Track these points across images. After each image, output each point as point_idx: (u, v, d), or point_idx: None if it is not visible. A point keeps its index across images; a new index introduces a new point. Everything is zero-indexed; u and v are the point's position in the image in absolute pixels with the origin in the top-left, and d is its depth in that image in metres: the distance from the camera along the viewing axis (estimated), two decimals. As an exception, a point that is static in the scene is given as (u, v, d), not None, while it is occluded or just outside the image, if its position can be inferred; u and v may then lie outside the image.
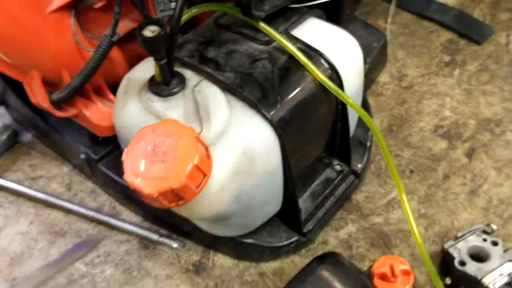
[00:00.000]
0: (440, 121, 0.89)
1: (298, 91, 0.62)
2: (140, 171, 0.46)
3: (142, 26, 0.50)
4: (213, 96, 0.57)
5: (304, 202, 0.72)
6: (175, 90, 0.57)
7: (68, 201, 0.82)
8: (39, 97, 0.72)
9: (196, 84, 0.58)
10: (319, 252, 0.73)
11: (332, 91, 0.63)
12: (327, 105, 0.66)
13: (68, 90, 0.70)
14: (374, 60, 0.93)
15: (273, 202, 0.66)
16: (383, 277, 0.59)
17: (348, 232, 0.75)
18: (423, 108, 0.91)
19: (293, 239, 0.71)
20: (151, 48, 0.52)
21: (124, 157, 0.48)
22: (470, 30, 1.03)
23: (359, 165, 0.78)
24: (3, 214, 0.82)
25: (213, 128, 0.54)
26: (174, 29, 0.53)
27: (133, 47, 0.75)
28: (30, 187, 0.84)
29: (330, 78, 0.63)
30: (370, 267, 0.61)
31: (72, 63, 0.70)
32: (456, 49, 1.01)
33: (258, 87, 0.59)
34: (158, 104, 0.56)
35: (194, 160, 0.45)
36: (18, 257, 0.76)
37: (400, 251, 0.72)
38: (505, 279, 0.62)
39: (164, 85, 0.57)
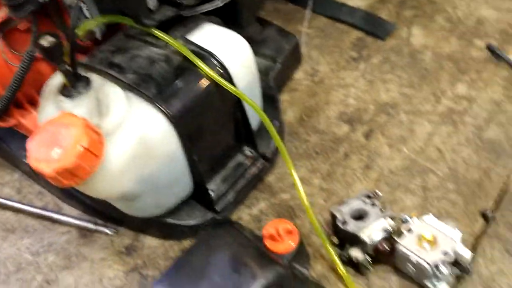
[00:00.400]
0: (345, 109, 1.01)
1: (191, 86, 0.74)
2: (41, 156, 0.58)
3: (40, 37, 0.63)
4: (113, 94, 0.69)
5: (216, 185, 0.84)
6: (80, 91, 0.69)
7: (18, 202, 0.93)
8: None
9: (100, 86, 0.70)
10: (233, 227, 0.85)
11: (223, 86, 0.75)
12: (221, 99, 0.78)
13: (2, 102, 0.82)
14: (286, 60, 1.06)
15: (181, 184, 0.78)
16: (272, 237, 0.72)
17: (259, 208, 0.87)
18: (331, 98, 1.04)
19: (209, 217, 0.83)
20: (49, 56, 0.64)
21: (28, 145, 0.60)
22: (375, 28, 1.16)
23: (269, 151, 0.90)
24: (-43, 218, 0.93)
25: (111, 120, 0.66)
26: (70, 39, 0.66)
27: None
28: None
29: (221, 75, 0.76)
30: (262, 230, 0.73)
31: (3, 79, 0.82)
32: (363, 46, 1.14)
33: (155, 85, 0.72)
34: (66, 103, 0.68)
35: (84, 144, 0.58)
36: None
37: (302, 220, 0.84)
38: (381, 234, 0.74)
39: (71, 87, 0.69)
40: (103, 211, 0.88)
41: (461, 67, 1.06)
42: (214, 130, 0.80)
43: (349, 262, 0.76)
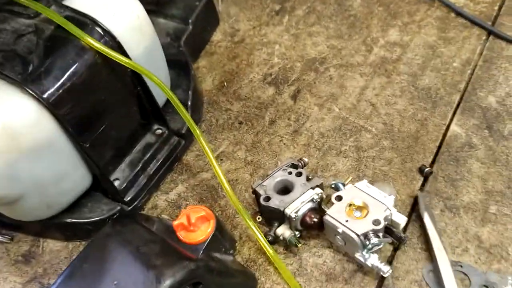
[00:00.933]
0: (269, 69, 0.92)
1: (69, 62, 0.63)
2: None
3: None
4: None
5: (122, 172, 0.74)
6: None
7: None
8: None
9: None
10: (147, 217, 0.75)
11: (112, 58, 0.64)
12: (113, 73, 0.67)
13: None
14: (199, 20, 0.95)
15: (73, 177, 0.67)
16: (184, 227, 0.62)
17: (177, 192, 0.78)
18: (254, 59, 0.94)
19: (115, 210, 0.73)
20: None
21: None
22: (298, -24, 1.06)
23: (182, 126, 0.80)
24: None
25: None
26: None
27: None
28: None
29: (107, 44, 0.64)
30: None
31: None
32: (288, -3, 1.04)
33: (21, 63, 0.60)
34: None
35: None
36: None
37: (226, 201, 0.75)
38: (308, 205, 0.66)
39: None
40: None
41: (392, 10, 0.98)
42: (111, 111, 0.69)
43: (279, 241, 0.68)
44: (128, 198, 0.73)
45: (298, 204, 0.66)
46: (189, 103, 0.83)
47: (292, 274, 0.65)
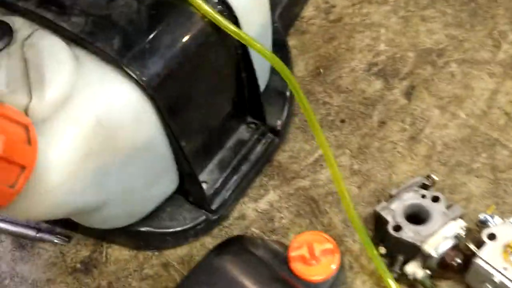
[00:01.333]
0: (375, 58, 0.78)
1: (177, 34, 0.49)
2: None
3: None
4: (51, 51, 0.44)
5: (210, 173, 0.61)
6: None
7: None
8: None
9: (28, 36, 0.45)
10: (235, 230, 0.63)
11: (227, 31, 0.50)
12: (221, 51, 0.54)
13: None
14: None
15: (163, 180, 0.55)
16: (303, 260, 0.50)
17: (269, 201, 0.65)
18: (355, 43, 0.80)
19: (200, 220, 0.61)
20: None
21: None
22: None
23: (279, 121, 0.67)
24: None
25: (47, 96, 0.41)
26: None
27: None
28: None
29: (222, 14, 0.51)
30: (288, 249, 0.51)
31: None
32: (392, -30, 0.89)
33: (118, 34, 0.47)
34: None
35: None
36: None
37: (330, 219, 0.63)
38: (450, 243, 0.54)
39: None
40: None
41: (523, -1, 0.83)
42: (208, 98, 0.57)
43: (401, 278, 0.56)
44: (216, 206, 0.61)
45: (439, 240, 0.53)
46: (288, 93, 0.69)
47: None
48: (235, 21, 0.53)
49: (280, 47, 0.72)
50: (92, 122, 0.43)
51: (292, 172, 0.68)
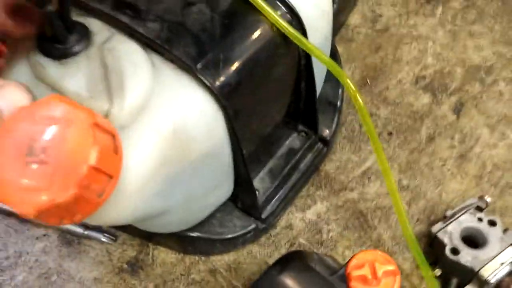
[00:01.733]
0: (422, 71, 0.77)
1: (249, 44, 0.48)
2: (8, 178, 0.32)
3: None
4: (130, 57, 0.43)
5: (261, 182, 0.61)
6: (74, 49, 0.42)
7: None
8: None
9: (106, 40, 0.44)
10: (282, 239, 0.62)
11: (294, 40, 0.49)
12: (286, 60, 0.53)
13: None
14: (343, -2, 0.80)
15: (221, 188, 0.54)
16: (364, 280, 0.49)
17: (316, 212, 0.65)
18: (402, 55, 0.79)
19: (249, 228, 0.60)
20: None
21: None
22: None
23: (327, 130, 0.66)
24: None
25: (127, 103, 0.40)
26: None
27: None
28: None
29: (290, 24, 0.50)
30: (345, 266, 0.50)
31: None
32: (439, -18, 0.88)
33: (193, 42, 0.46)
34: (51, 69, 0.42)
35: (89, 160, 0.32)
36: None
37: (379, 234, 0.62)
38: (507, 268, 0.53)
39: (57, 42, 0.42)
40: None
41: None
42: (268, 106, 0.56)
43: (453, 302, 0.55)
44: (266, 214, 0.60)
45: (497, 265, 0.53)
46: (339, 103, 0.69)
47: None
48: (302, 31, 0.52)
49: (332, 55, 0.71)
50: (169, 129, 0.42)
51: (340, 183, 0.67)
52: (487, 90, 0.75)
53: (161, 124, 0.42)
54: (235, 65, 0.47)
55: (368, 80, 0.77)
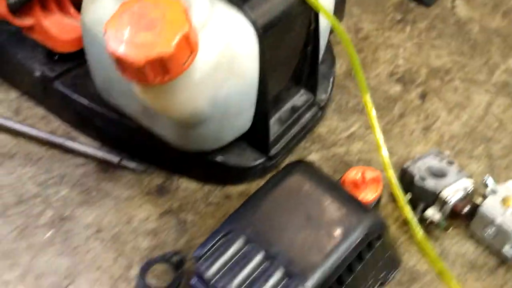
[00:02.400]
0: (395, 69, 0.95)
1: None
2: (125, 38, 0.45)
3: None
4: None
5: (272, 126, 0.74)
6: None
7: (16, 122, 0.78)
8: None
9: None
10: (285, 176, 0.76)
11: (311, 4, 0.65)
12: (302, 22, 0.69)
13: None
14: (334, 12, 0.98)
15: (245, 114, 0.68)
16: (355, 184, 0.63)
17: (311, 160, 0.79)
18: (379, 57, 0.97)
19: (259, 161, 0.73)
20: None
21: (106, 25, 0.48)
22: (419, -7, 1.11)
23: (323, 97, 0.82)
24: None
25: (194, 18, 0.55)
26: None
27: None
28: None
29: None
30: (341, 177, 0.65)
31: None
32: (407, 10, 1.09)
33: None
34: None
35: (184, 29, 0.46)
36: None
37: (362, 177, 0.77)
38: (461, 194, 0.68)
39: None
40: (129, 143, 0.75)
41: (510, 43, 1.03)
42: (284, 60, 0.71)
43: (421, 223, 0.69)
44: (273, 153, 0.74)
45: (453, 190, 0.68)
46: (331, 79, 0.85)
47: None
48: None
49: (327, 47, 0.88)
50: (221, 44, 0.57)
51: (330, 141, 0.82)
52: (446, 85, 0.93)
53: (216, 39, 0.56)
54: (270, 10, 0.62)
55: (351, 73, 0.94)
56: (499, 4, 1.12)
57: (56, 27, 0.73)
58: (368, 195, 0.63)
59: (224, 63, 0.57)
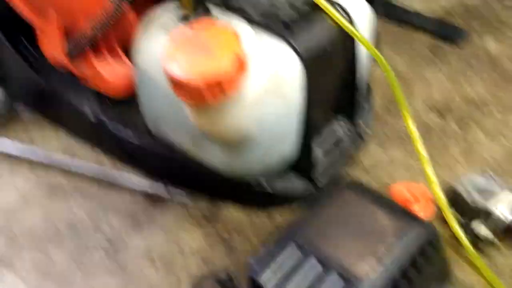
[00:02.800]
0: (432, 102, 0.97)
1: (319, 30, 0.68)
2: (184, 63, 0.49)
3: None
4: (239, 27, 0.62)
5: (316, 154, 0.75)
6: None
7: (67, 158, 0.82)
8: (53, 45, 0.75)
9: (223, 19, 0.63)
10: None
11: (350, 33, 0.68)
12: (343, 54, 0.72)
13: (84, 38, 0.73)
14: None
15: (290, 140, 0.69)
16: (406, 202, 0.63)
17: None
18: (415, 91, 1.00)
19: (309, 190, 0.74)
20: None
21: (165, 54, 0.52)
22: (449, 34, 1.15)
23: (363, 125, 0.83)
24: (-2, 172, 0.82)
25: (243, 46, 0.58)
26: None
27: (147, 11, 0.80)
28: (27, 147, 0.84)
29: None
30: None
31: (89, 10, 0.73)
32: (439, 49, 1.12)
33: (282, 23, 0.65)
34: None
35: (236, 50, 0.50)
36: (12, 209, 0.75)
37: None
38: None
39: (192, 13, 0.62)
40: (174, 174, 0.78)
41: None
42: (327, 88, 0.73)
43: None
44: (319, 182, 0.75)
45: (504, 207, 0.67)
46: (370, 108, 0.87)
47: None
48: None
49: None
50: (269, 72, 0.60)
51: (371, 168, 0.83)
52: (483, 114, 0.94)
53: (263, 66, 0.60)
54: (311, 40, 0.66)
55: (389, 106, 0.96)
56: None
57: (109, 72, 0.78)
58: (425, 211, 0.63)
59: (272, 88, 0.60)
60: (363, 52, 0.76)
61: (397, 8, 1.23)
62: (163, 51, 0.57)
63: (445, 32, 1.16)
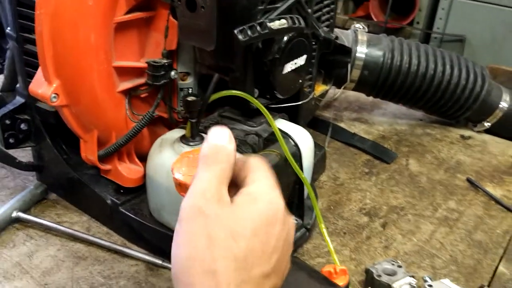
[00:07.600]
0: (363, 206, 1.23)
1: (274, 155, 0.95)
2: (184, 171, 0.74)
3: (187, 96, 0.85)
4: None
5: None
6: (197, 141, 0.89)
7: (88, 234, 1.04)
8: (91, 151, 1.01)
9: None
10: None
11: (289, 160, 0.96)
12: (289, 175, 0.99)
13: (113, 147, 0.99)
14: (317, 163, 1.30)
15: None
16: (330, 275, 0.87)
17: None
18: (351, 197, 1.26)
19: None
20: (190, 109, 0.85)
21: (173, 165, 0.77)
22: (382, 154, 1.44)
23: (309, 222, 1.08)
24: (34, 243, 1.02)
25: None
26: (204, 104, 0.88)
27: (156, 130, 1.08)
28: (57, 224, 1.06)
29: (294, 153, 0.97)
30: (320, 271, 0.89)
31: (120, 129, 1.00)
32: (372, 165, 1.41)
33: (250, 148, 0.92)
34: (186, 149, 0.87)
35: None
36: (48, 271, 0.96)
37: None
38: (407, 287, 0.91)
39: (191, 138, 0.89)
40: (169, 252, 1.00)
41: (450, 190, 1.32)
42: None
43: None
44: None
45: (402, 284, 0.91)
46: (313, 214, 1.12)
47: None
48: (300, 157, 1.00)
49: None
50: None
51: (314, 254, 1.06)
52: (401, 218, 1.19)
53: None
54: (268, 159, 0.92)
55: (331, 207, 1.21)
56: (442, 163, 1.45)
57: (126, 170, 1.04)
58: (340, 282, 0.86)
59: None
60: (307, 166, 1.03)
61: (344, 131, 1.54)
62: (170, 162, 0.83)
63: (379, 152, 1.45)
